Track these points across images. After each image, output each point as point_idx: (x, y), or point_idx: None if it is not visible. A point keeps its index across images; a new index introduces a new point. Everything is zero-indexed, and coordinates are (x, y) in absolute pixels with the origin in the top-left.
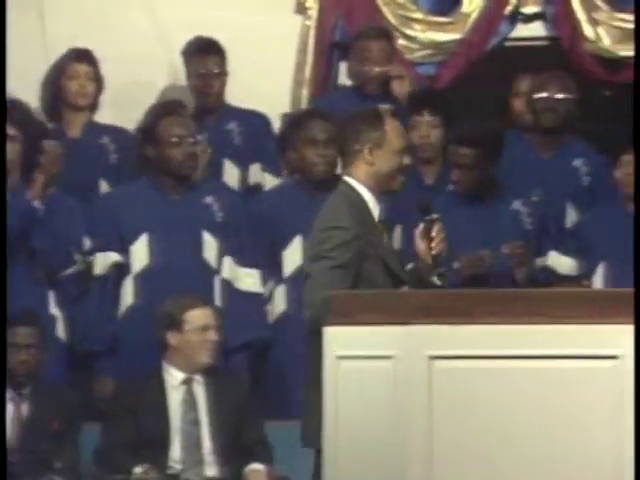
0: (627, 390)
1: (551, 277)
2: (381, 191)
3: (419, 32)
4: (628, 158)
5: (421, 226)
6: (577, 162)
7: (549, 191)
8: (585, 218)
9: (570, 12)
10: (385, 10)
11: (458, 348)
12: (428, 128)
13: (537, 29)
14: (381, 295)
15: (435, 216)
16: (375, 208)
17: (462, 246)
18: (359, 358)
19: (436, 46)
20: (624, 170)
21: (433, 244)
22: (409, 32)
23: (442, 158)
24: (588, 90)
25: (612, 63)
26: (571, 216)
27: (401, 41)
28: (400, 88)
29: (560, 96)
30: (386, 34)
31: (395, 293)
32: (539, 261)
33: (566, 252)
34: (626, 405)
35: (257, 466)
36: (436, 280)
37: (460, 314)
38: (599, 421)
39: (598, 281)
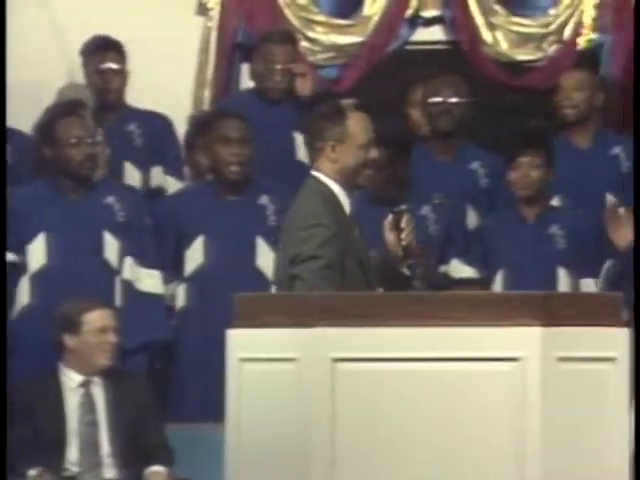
0: (529, 391)
1: (451, 283)
2: (349, 186)
3: (321, 35)
4: (524, 160)
5: (390, 217)
6: (475, 165)
7: (450, 195)
8: (486, 223)
9: (468, 16)
10: (287, 12)
11: (362, 350)
12: None
13: (437, 33)
14: (285, 297)
15: (403, 207)
16: (346, 202)
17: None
18: (262, 360)
19: (338, 49)
20: (519, 172)
21: (403, 235)
22: (311, 34)
23: None
24: (487, 94)
25: (510, 67)
26: (472, 219)
27: (303, 43)
28: (303, 87)
29: (454, 100)
30: (291, 38)
31: (299, 295)
32: (442, 268)
33: (469, 261)
34: (528, 406)
35: (157, 468)
36: (406, 271)
37: (364, 316)
38: (501, 422)
39: (498, 288)
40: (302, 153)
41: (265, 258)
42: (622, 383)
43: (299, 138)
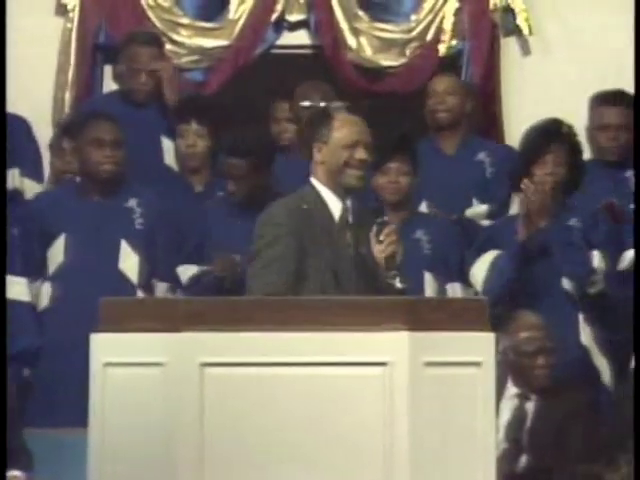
0: (397, 396)
1: None
2: (339, 188)
3: (185, 37)
4: (393, 165)
5: (374, 229)
6: None
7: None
8: None
9: (333, 21)
10: (151, 14)
11: (230, 355)
12: (195, 137)
13: (303, 37)
14: (150, 302)
15: (386, 218)
16: (336, 208)
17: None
18: (128, 365)
19: (203, 52)
20: (388, 177)
21: (382, 247)
22: (176, 37)
23: (209, 167)
24: (351, 99)
25: (372, 72)
26: None
27: (168, 46)
28: (169, 90)
29: (323, 105)
30: (156, 40)
31: (165, 299)
32: None
33: None
34: (396, 411)
35: (15, 473)
36: (396, 283)
37: (231, 321)
38: (369, 426)
39: None
40: (170, 157)
41: (129, 261)
42: (488, 387)
43: (166, 142)
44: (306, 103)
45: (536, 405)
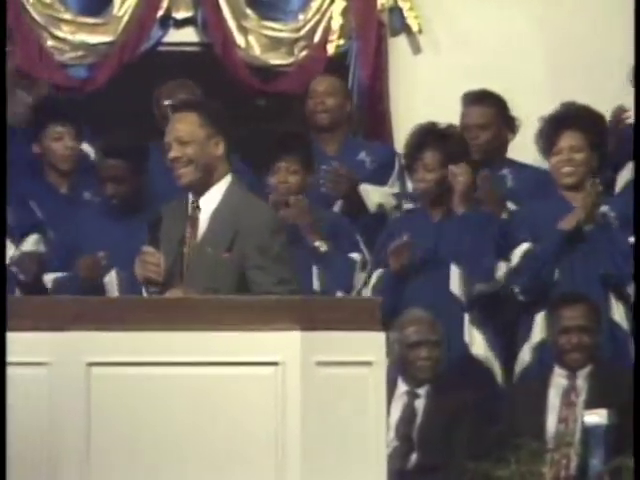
0: (289, 395)
1: None
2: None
3: (68, 33)
4: (282, 165)
5: None
6: None
7: None
8: None
9: (220, 19)
10: (31, 10)
11: (116, 355)
12: (69, 139)
13: (190, 34)
14: (36, 300)
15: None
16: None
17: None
18: (13, 365)
19: (87, 48)
20: (277, 177)
21: None
22: (58, 33)
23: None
24: (239, 97)
25: (262, 71)
26: None
27: (50, 42)
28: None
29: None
30: None
31: (50, 298)
32: None
33: None
34: (288, 410)
35: None
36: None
37: (117, 320)
38: (261, 426)
39: None
40: None
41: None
42: (380, 386)
43: None
44: (168, 101)
45: (425, 402)
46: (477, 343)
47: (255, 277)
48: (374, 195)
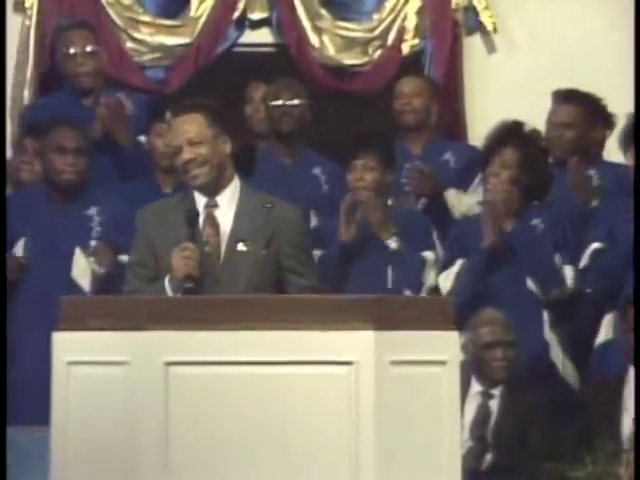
0: (362, 395)
1: None
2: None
3: (147, 35)
4: (359, 162)
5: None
6: (317, 170)
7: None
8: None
9: (296, 19)
10: (111, 12)
11: (194, 354)
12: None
13: (265, 35)
14: (112, 300)
15: None
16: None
17: None
18: (91, 364)
19: (165, 50)
20: (354, 175)
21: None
22: (137, 35)
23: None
24: (316, 97)
25: (337, 71)
26: (314, 224)
27: (129, 44)
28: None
29: (295, 102)
30: (83, 23)
31: (128, 298)
32: None
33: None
34: (361, 410)
35: None
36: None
37: (196, 320)
38: (334, 425)
39: None
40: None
41: (83, 269)
42: (453, 386)
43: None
44: (278, 102)
45: (500, 403)
46: (552, 344)
47: (297, 268)
48: (460, 202)
